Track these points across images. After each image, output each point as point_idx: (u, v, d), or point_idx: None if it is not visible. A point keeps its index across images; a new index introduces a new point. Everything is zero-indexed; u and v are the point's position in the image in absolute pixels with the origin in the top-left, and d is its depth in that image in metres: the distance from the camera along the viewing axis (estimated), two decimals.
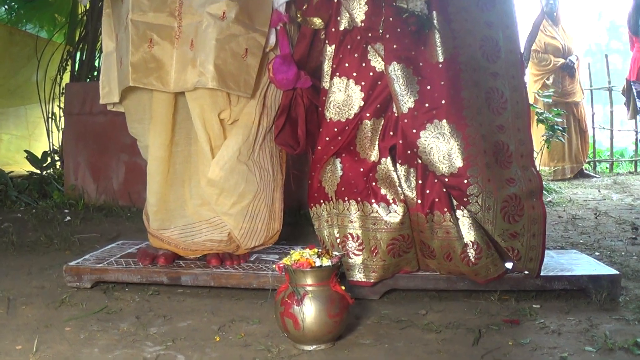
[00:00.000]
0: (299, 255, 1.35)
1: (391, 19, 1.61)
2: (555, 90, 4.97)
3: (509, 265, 1.69)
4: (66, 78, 4.17)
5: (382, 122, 1.68)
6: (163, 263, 1.79)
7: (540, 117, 3.87)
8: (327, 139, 1.71)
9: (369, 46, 1.66)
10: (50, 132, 4.17)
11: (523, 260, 1.64)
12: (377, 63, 1.66)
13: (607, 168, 6.05)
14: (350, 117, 1.68)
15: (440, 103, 1.57)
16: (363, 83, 1.67)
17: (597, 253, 2.31)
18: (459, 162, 1.55)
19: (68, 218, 2.78)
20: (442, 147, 1.56)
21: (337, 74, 1.69)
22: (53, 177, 3.67)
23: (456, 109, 1.57)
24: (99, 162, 2.84)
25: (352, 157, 1.70)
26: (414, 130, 1.58)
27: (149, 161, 1.79)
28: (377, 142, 1.68)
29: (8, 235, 2.46)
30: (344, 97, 1.68)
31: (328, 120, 1.70)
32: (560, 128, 3.91)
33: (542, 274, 1.67)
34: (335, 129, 1.69)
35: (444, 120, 1.56)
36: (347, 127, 1.68)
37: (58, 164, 3.85)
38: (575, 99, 5.20)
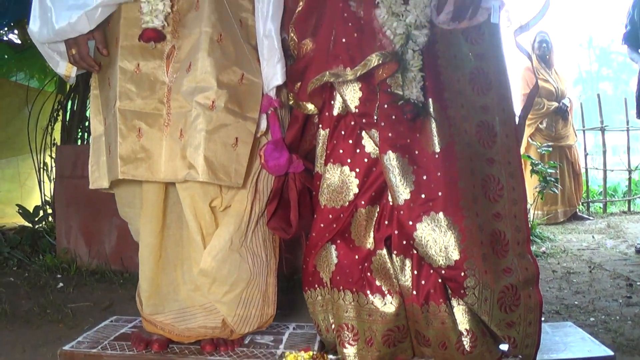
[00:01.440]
0: (293, 358, 1.34)
1: (386, 105, 1.61)
2: (549, 134, 5.00)
3: (504, 347, 1.67)
4: (57, 127, 4.16)
5: (377, 210, 1.68)
6: (157, 349, 1.76)
7: (534, 168, 3.88)
8: (322, 225, 1.70)
9: (363, 132, 1.67)
10: (42, 183, 4.15)
11: (519, 347, 1.63)
12: (372, 149, 1.65)
13: (600, 208, 6.06)
14: (345, 205, 1.67)
15: (437, 195, 1.56)
16: (357, 170, 1.67)
17: (592, 319, 2.30)
18: (455, 255, 1.54)
19: (61, 284, 2.75)
20: (438, 239, 1.55)
21: (331, 160, 1.69)
22: (45, 231, 3.65)
23: (453, 201, 1.56)
24: (91, 226, 2.81)
25: (347, 244, 1.69)
26: (410, 223, 1.57)
27: (141, 247, 1.77)
28: (372, 231, 1.67)
29: (1, 304, 2.43)
30: (338, 183, 1.68)
31: (322, 206, 1.69)
32: (553, 179, 3.93)
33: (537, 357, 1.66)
34: (330, 216, 1.69)
35: (441, 213, 1.56)
36: (342, 215, 1.67)
37: (50, 217, 3.83)
38: (568, 142, 5.22)
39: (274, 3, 1.70)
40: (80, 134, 4.02)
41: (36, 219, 3.69)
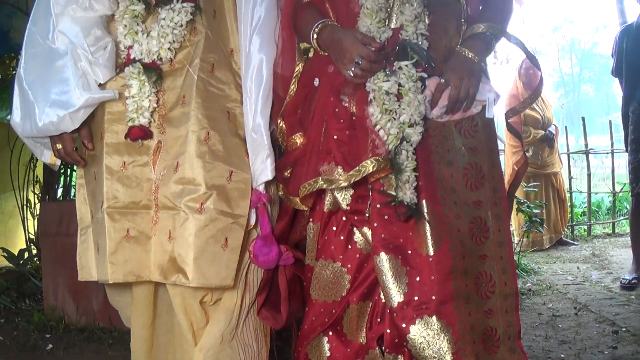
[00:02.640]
0: None
1: (378, 205, 1.59)
2: (534, 162, 5.03)
3: None
4: (40, 163, 4.09)
5: (370, 305, 1.67)
6: None
7: (520, 207, 3.91)
8: (313, 318, 1.68)
9: (355, 228, 1.66)
10: (26, 220, 4.09)
11: None
12: (364, 244, 1.65)
13: (584, 231, 6.12)
14: (337, 300, 1.66)
15: (430, 298, 1.55)
16: (349, 265, 1.66)
17: None
18: (448, 357, 1.53)
19: (50, 345, 2.72)
20: (432, 342, 1.54)
21: (323, 256, 1.67)
22: (31, 273, 3.60)
23: (446, 304, 1.55)
24: (78, 283, 2.77)
25: (339, 337, 1.68)
26: (404, 325, 1.56)
27: (132, 338, 1.75)
28: (364, 326, 1.66)
29: None
30: (330, 278, 1.66)
31: (314, 301, 1.68)
32: (538, 220, 3.96)
33: None
34: (322, 310, 1.67)
35: (434, 317, 1.54)
36: (333, 310, 1.66)
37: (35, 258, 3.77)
38: (554, 169, 5.25)
39: (262, 96, 1.68)
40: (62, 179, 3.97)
41: (21, 262, 3.63)
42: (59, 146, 1.66)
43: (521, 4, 4.91)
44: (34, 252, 3.91)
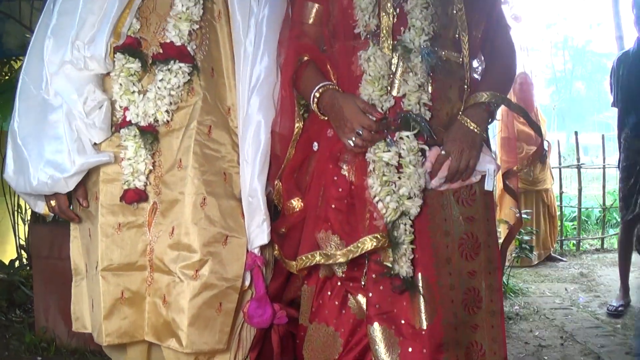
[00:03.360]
0: None
1: (374, 275, 1.59)
2: (526, 178, 5.03)
3: None
4: None
5: None
6: None
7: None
8: None
9: (349, 294, 1.66)
10: (17, 226, 4.04)
11: None
12: (358, 310, 1.64)
13: (573, 245, 6.15)
14: None
15: None
16: (342, 330, 1.65)
17: None
18: None
19: None
20: None
21: (317, 319, 1.67)
22: (21, 282, 3.58)
23: None
24: (70, 306, 2.77)
25: None
26: None
27: None
28: None
29: None
30: (323, 341, 1.66)
31: None
32: (528, 247, 3.98)
33: None
34: None
35: None
36: None
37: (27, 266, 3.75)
38: (545, 186, 5.25)
39: (260, 161, 1.66)
40: None
41: (11, 271, 3.61)
42: (53, 203, 1.64)
43: (519, 21, 4.89)
44: (25, 259, 3.87)
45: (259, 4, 1.73)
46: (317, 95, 1.62)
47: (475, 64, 1.78)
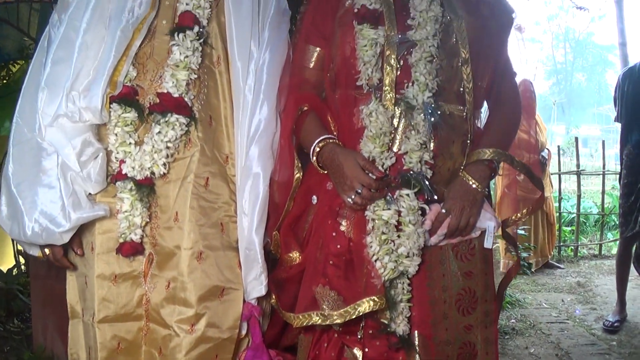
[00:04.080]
0: None
1: (371, 331, 1.58)
2: (525, 186, 5.01)
3: None
4: None
5: None
6: None
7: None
8: None
9: (346, 346, 1.65)
10: None
11: None
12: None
13: (571, 250, 6.15)
14: None
15: None
16: None
17: None
18: None
19: None
20: None
21: None
22: (19, 290, 3.57)
23: None
24: (67, 326, 2.77)
25: None
26: None
27: None
28: None
29: None
30: None
31: None
32: (526, 264, 3.97)
33: None
34: None
35: None
36: None
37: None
38: (545, 194, 5.23)
39: (258, 213, 1.63)
40: None
41: (10, 279, 3.60)
42: (47, 251, 1.62)
43: (522, 32, 4.83)
44: (23, 265, 3.86)
45: (259, 48, 1.69)
46: (317, 149, 1.59)
47: (479, 113, 1.75)
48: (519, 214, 1.88)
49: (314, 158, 1.60)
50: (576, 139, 6.02)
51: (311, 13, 1.73)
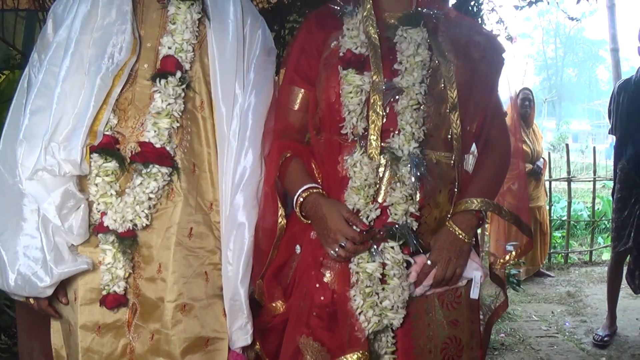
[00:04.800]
0: None
1: None
2: (517, 194, 4.98)
3: None
4: None
5: None
6: None
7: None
8: None
9: None
10: None
11: None
12: None
13: (562, 257, 6.15)
14: None
15: None
16: None
17: None
18: None
19: None
20: None
21: None
22: (6, 305, 3.54)
23: None
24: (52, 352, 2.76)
25: None
26: None
27: None
28: None
29: None
30: None
31: None
32: (515, 280, 3.97)
33: None
34: None
35: None
36: None
37: None
38: (538, 203, 5.22)
39: (243, 264, 1.60)
40: None
41: None
42: (32, 301, 1.60)
43: (514, 42, 4.80)
44: None
45: (244, 91, 1.66)
46: (301, 199, 1.57)
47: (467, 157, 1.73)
48: (507, 257, 1.86)
49: (298, 208, 1.58)
50: (567, 145, 6.01)
51: (296, 54, 1.70)
